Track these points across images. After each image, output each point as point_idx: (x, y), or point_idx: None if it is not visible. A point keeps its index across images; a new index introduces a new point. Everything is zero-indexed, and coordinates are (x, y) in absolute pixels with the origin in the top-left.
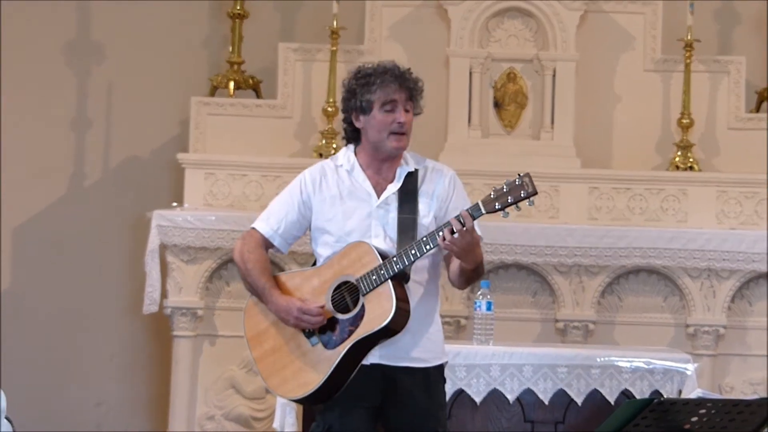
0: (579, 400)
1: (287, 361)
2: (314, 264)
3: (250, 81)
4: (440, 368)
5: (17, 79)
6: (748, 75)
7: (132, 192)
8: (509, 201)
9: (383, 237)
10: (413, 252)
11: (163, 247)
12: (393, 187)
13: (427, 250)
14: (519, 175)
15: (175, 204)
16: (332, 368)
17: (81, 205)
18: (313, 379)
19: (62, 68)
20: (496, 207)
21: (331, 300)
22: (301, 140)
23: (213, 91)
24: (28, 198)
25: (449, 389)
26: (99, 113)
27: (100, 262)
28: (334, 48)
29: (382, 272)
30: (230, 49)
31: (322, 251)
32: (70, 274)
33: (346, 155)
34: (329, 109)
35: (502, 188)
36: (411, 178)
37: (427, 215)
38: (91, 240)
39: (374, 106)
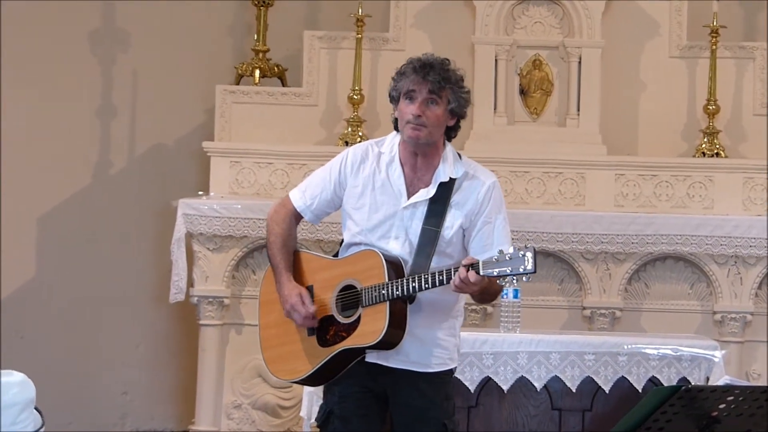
0: (606, 388)
1: (285, 341)
2: (341, 243)
3: (276, 69)
4: (448, 372)
5: (42, 68)
6: None
7: (157, 180)
8: (507, 271)
9: (403, 240)
10: (414, 285)
11: (189, 236)
12: (424, 194)
13: (438, 285)
14: (526, 246)
15: (201, 192)
16: (318, 366)
17: (106, 193)
18: (301, 369)
19: (87, 56)
20: (493, 274)
21: (337, 298)
22: (326, 128)
23: (238, 80)
24: (53, 186)
25: (476, 378)
26: (124, 101)
27: (126, 251)
28: (359, 36)
29: (384, 292)
30: (255, 37)
31: (346, 236)
32: (95, 263)
33: (391, 144)
34: (355, 96)
35: (506, 256)
36: (445, 187)
37: (451, 227)
38: (117, 229)
39: (401, 96)
